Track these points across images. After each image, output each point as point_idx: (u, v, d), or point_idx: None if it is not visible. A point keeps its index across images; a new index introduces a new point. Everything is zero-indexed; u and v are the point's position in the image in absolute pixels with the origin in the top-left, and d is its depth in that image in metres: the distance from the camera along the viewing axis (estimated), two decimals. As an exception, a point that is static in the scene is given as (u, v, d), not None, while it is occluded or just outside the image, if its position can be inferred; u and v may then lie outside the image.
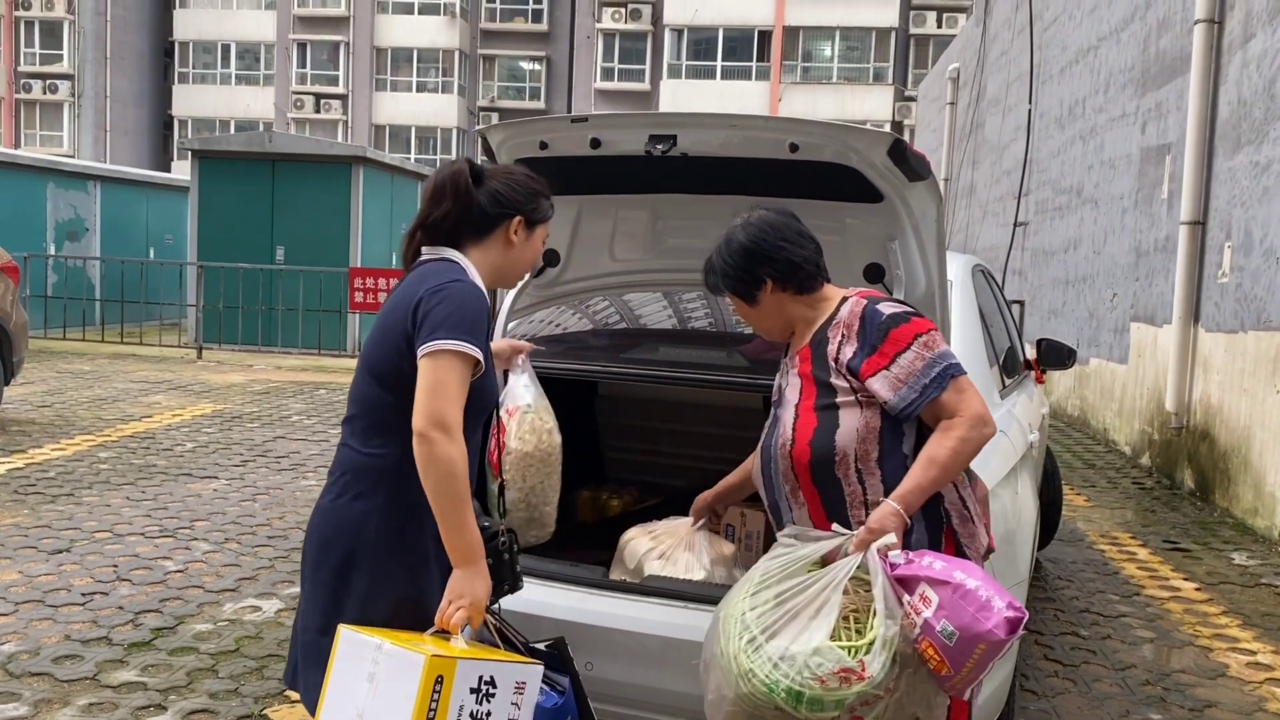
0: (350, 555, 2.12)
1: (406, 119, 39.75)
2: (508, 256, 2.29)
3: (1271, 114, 6.42)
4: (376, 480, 2.13)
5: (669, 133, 2.70)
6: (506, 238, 2.27)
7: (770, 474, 2.35)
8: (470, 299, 2.10)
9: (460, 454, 2.00)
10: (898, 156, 2.61)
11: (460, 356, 2.03)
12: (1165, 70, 8.20)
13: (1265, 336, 6.38)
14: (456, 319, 2.05)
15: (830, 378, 2.27)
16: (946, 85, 17.81)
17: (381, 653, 1.90)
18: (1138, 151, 8.80)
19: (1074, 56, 10.91)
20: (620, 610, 2.62)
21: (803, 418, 2.29)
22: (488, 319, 2.13)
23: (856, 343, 2.26)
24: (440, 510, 2.01)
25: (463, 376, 2.04)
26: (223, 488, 6.48)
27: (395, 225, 15.14)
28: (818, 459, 2.25)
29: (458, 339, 2.03)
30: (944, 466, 2.18)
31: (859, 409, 2.24)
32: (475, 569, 2.05)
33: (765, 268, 2.35)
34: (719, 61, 36.55)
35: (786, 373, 2.41)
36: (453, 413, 2.00)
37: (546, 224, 2.37)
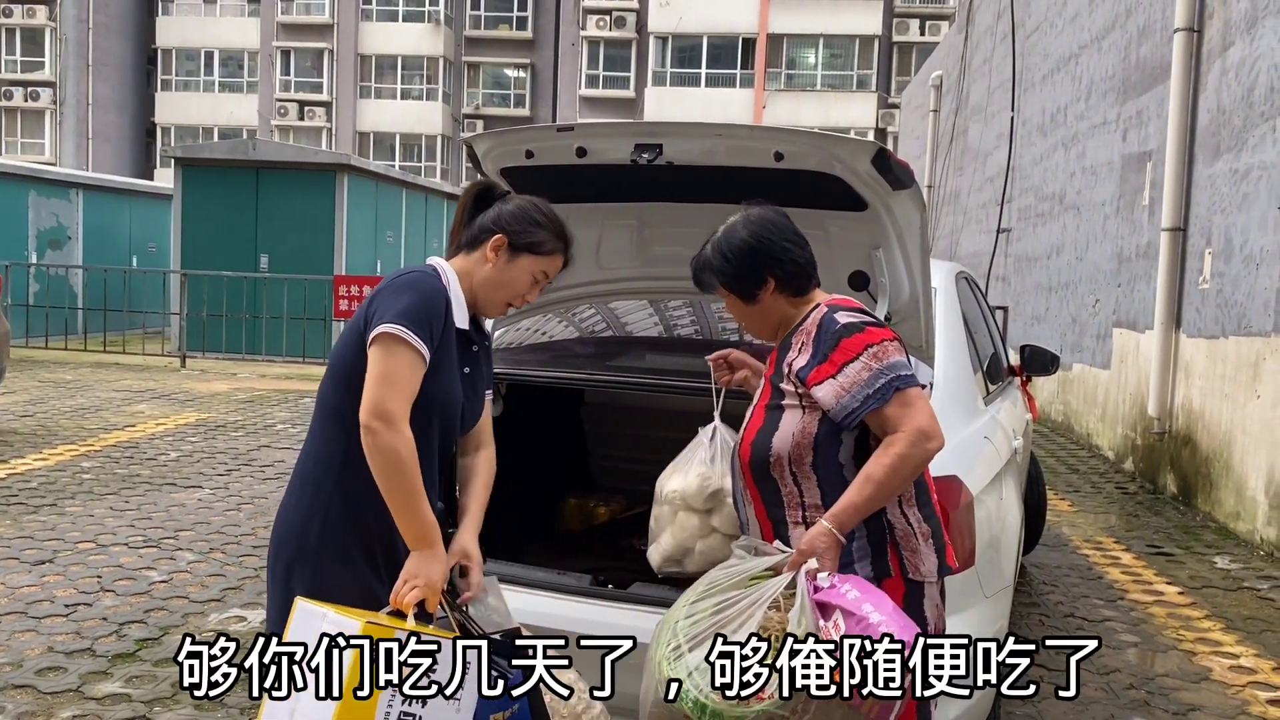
0: (295, 556, 2.18)
1: (391, 126, 39.68)
2: (484, 275, 2.27)
3: (1250, 122, 6.49)
4: (322, 478, 2.18)
5: (654, 141, 2.72)
6: (484, 254, 2.27)
7: (734, 471, 2.42)
8: (422, 289, 2.12)
9: (404, 442, 2.02)
10: (881, 165, 2.63)
11: (403, 344, 2.05)
12: (1146, 78, 8.28)
13: (1245, 342, 6.44)
14: (403, 306, 2.07)
15: (781, 382, 2.31)
16: (930, 93, 17.91)
17: (325, 620, 1.96)
18: (1119, 159, 8.87)
19: (1055, 64, 10.99)
20: (607, 618, 2.63)
21: (754, 418, 2.35)
22: (441, 317, 2.14)
23: (811, 350, 2.27)
24: (389, 498, 2.05)
25: (409, 365, 2.05)
26: (207, 497, 6.45)
27: (380, 233, 15.12)
28: (756, 458, 2.30)
29: (400, 324, 2.05)
30: (880, 484, 2.16)
31: (800, 413, 2.26)
32: (430, 551, 2.09)
33: (771, 267, 2.32)
34: (703, 69, 36.65)
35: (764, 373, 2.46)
36: (396, 403, 2.02)
37: (538, 259, 2.29)
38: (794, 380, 2.27)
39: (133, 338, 14.41)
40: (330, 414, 2.19)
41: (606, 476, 4.02)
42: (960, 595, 2.56)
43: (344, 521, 2.17)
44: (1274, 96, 6.19)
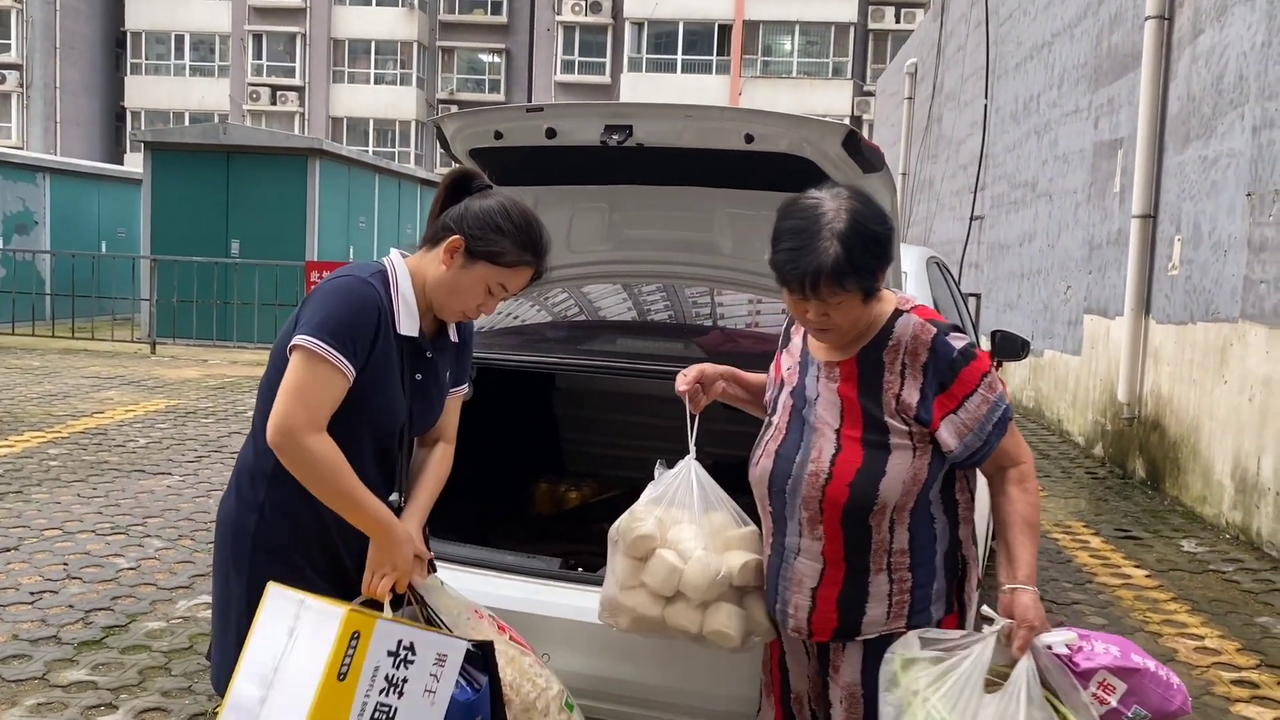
0: (232, 555, 2.11)
1: (364, 111, 39.36)
2: (436, 278, 2.10)
3: (1219, 109, 6.54)
4: (256, 480, 2.09)
5: (624, 123, 2.70)
6: (440, 254, 2.09)
7: (785, 490, 2.07)
8: (346, 299, 1.98)
9: (316, 451, 1.92)
10: (852, 148, 2.63)
11: (322, 361, 1.93)
12: (1117, 66, 8.32)
13: (1213, 328, 6.50)
14: (321, 318, 1.95)
15: (884, 414, 1.99)
16: (904, 80, 17.95)
17: (303, 607, 1.91)
18: (1090, 146, 8.92)
19: (1029, 52, 11.03)
20: (576, 601, 2.62)
21: (845, 451, 1.99)
22: (370, 330, 2.00)
23: (922, 378, 1.98)
24: (328, 502, 1.99)
25: (325, 380, 1.94)
26: (176, 484, 6.39)
27: (352, 218, 15.01)
28: (855, 505, 1.98)
29: (319, 339, 1.94)
30: (1037, 526, 2.03)
31: (912, 454, 1.99)
32: (388, 537, 2.03)
33: (887, 263, 2.02)
34: (679, 55, 36.56)
35: (810, 374, 2.09)
36: (301, 416, 1.91)
37: (495, 269, 2.09)
38: (908, 418, 1.98)
39: (102, 324, 14.24)
40: (264, 414, 2.07)
41: (577, 461, 4.01)
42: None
43: (280, 522, 2.08)
44: (1243, 84, 6.23)
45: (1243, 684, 4.00)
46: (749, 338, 3.37)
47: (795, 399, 2.11)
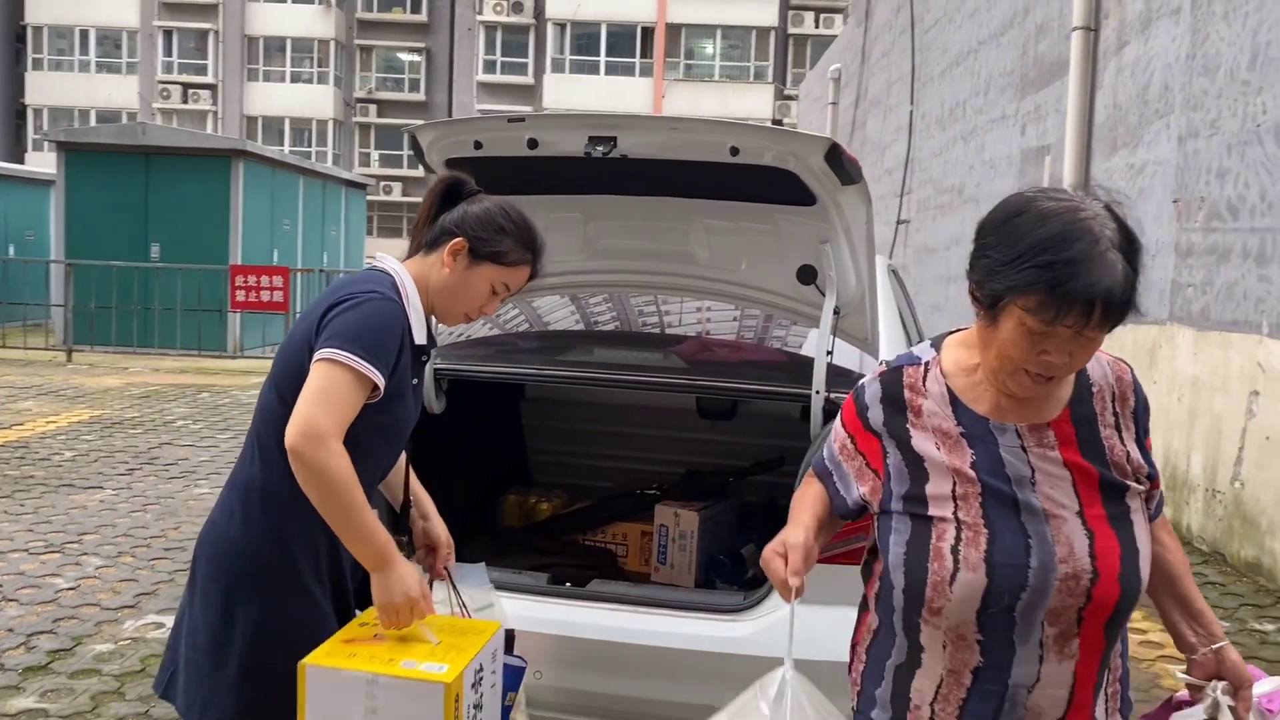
0: (241, 583, 2.01)
1: (280, 110, 38.57)
2: (440, 281, 2.10)
3: (1145, 119, 6.77)
4: (267, 502, 2.01)
5: (609, 134, 2.68)
6: (442, 257, 2.10)
7: (1015, 608, 1.55)
8: (379, 315, 1.97)
9: (337, 460, 1.86)
10: (834, 160, 2.65)
11: (350, 372, 1.90)
12: (1044, 74, 8.56)
13: (1141, 330, 6.73)
14: (355, 332, 1.93)
15: (1114, 474, 1.61)
16: (828, 85, 18.21)
17: (379, 686, 1.84)
18: (1018, 152, 9.16)
19: (954, 59, 11.28)
20: (566, 617, 2.60)
21: (1101, 538, 1.58)
22: (397, 345, 2.00)
23: (1134, 427, 1.67)
24: (333, 522, 1.91)
25: (351, 390, 1.91)
26: (109, 498, 6.18)
27: (277, 221, 14.69)
28: (1127, 603, 1.58)
29: (351, 352, 1.90)
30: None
31: (1144, 518, 1.64)
32: (391, 569, 1.95)
33: None
34: (602, 57, 36.58)
35: (1005, 445, 1.60)
36: (326, 420, 1.86)
37: (500, 269, 2.12)
38: (1141, 477, 1.64)
39: (12, 330, 13.68)
40: (273, 433, 1.99)
41: (545, 472, 3.98)
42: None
43: (300, 543, 2.02)
44: (1167, 95, 6.47)
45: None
46: (725, 346, 3.39)
47: (989, 483, 1.58)
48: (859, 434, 1.70)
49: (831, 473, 1.74)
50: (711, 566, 3.27)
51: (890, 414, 1.66)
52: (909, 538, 1.60)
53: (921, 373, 1.67)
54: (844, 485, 1.71)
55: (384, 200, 38.02)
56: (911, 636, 1.63)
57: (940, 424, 1.63)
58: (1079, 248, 1.47)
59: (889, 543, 1.62)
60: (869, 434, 1.68)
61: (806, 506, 1.75)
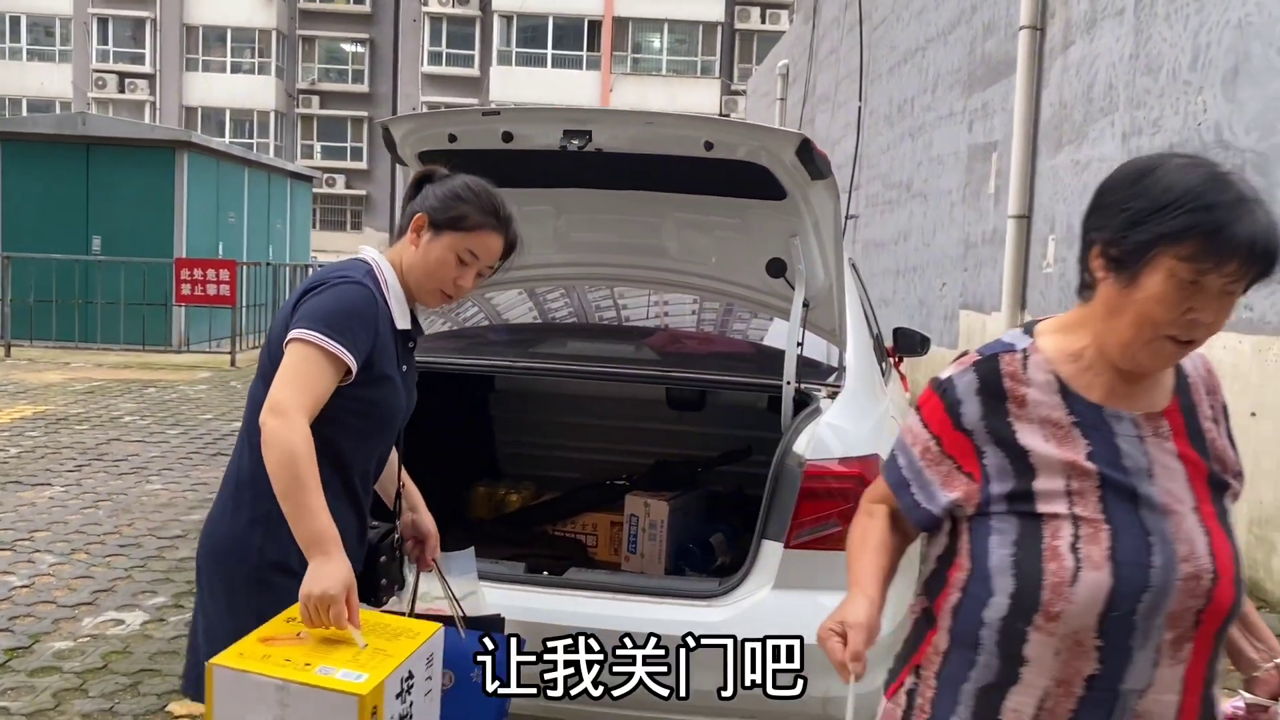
0: (240, 575, 2.04)
1: (220, 101, 37.92)
2: (409, 260, 2.14)
3: (1090, 117, 6.95)
4: (257, 492, 2.02)
5: (584, 128, 2.72)
6: (410, 236, 2.15)
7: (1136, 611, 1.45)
8: (348, 296, 2.01)
9: (295, 434, 1.88)
10: (805, 155, 2.72)
11: (316, 349, 1.95)
12: (991, 72, 8.74)
13: (1086, 322, 6.91)
14: (323, 312, 1.98)
15: (1217, 469, 1.54)
16: (776, 81, 18.36)
17: (289, 694, 1.73)
18: (965, 149, 9.34)
19: (902, 56, 11.45)
20: (545, 605, 2.64)
21: (1216, 537, 1.49)
22: (371, 325, 2.02)
23: (1225, 419, 1.59)
24: (282, 496, 1.90)
25: (318, 368, 1.95)
26: (59, 495, 6.06)
27: (222, 213, 14.45)
28: (1239, 606, 1.52)
29: (317, 331, 1.95)
30: None
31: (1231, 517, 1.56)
32: (325, 559, 1.87)
33: None
34: (549, 50, 36.48)
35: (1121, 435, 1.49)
36: (292, 396, 1.91)
37: (460, 235, 2.12)
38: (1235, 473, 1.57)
39: (-54, 325, 13.32)
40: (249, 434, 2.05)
41: (514, 463, 4.00)
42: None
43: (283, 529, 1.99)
44: (1111, 94, 6.64)
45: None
46: (694, 338, 3.44)
47: (1108, 475, 1.47)
48: (946, 433, 1.53)
49: (909, 482, 1.57)
50: (681, 555, 3.32)
51: (989, 407, 1.51)
52: (1016, 538, 1.47)
53: (1020, 360, 1.52)
54: (925, 494, 1.55)
55: (327, 193, 37.54)
56: (1010, 649, 1.48)
57: (1048, 414, 1.49)
58: (1234, 194, 1.38)
59: (988, 545, 1.48)
60: (959, 433, 1.52)
61: (869, 561, 1.58)
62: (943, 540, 1.57)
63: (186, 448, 7.52)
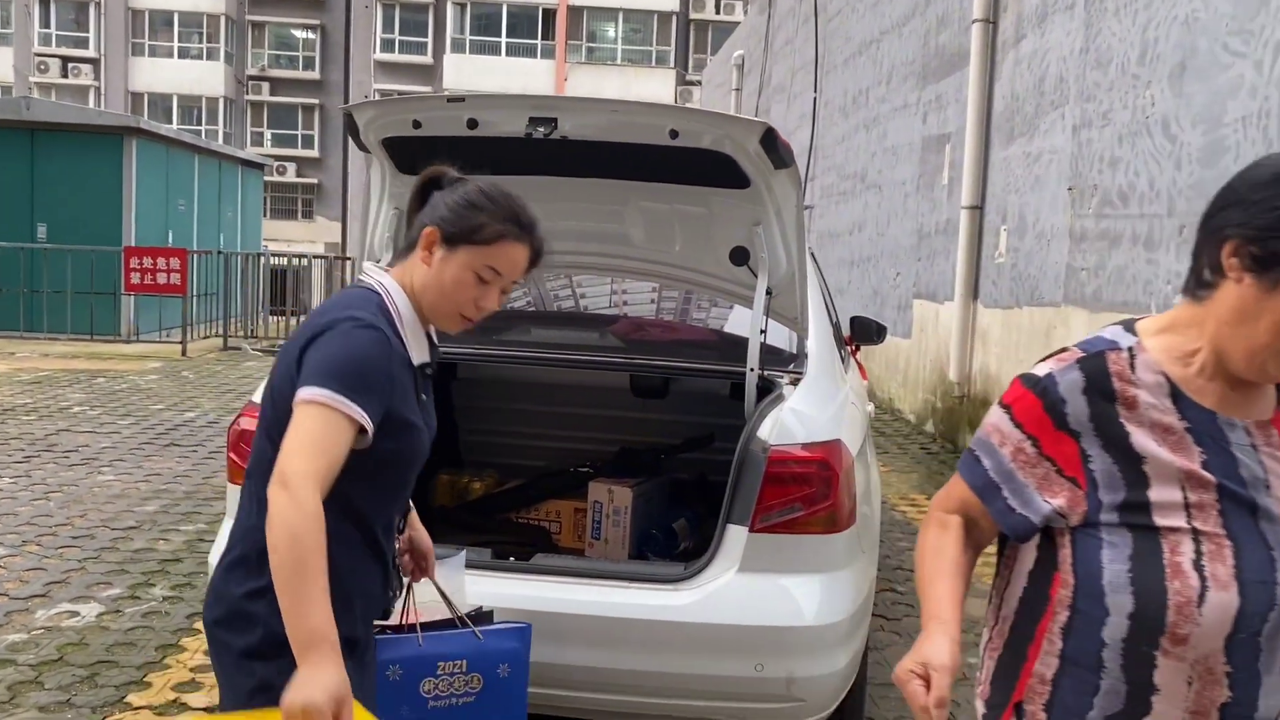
0: (249, 647, 1.80)
1: (167, 87, 37.23)
2: (421, 279, 1.86)
3: (1041, 109, 7.07)
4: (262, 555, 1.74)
5: (550, 115, 2.72)
6: (419, 254, 1.87)
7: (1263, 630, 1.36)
8: (360, 345, 1.75)
9: (307, 514, 1.64)
10: (768, 144, 2.75)
11: (331, 412, 1.70)
12: (945, 65, 8.84)
13: (1037, 311, 7.04)
14: (336, 367, 1.73)
15: None
16: (732, 71, 18.42)
17: None
18: (919, 140, 9.45)
19: (858, 48, 11.55)
20: (512, 590, 2.65)
21: None
22: (386, 375, 1.78)
23: None
24: (277, 580, 1.64)
25: (334, 432, 1.71)
26: (9, 486, 5.95)
27: (171, 201, 14.22)
28: None
29: (332, 390, 1.71)
30: None
31: None
32: (321, 662, 1.60)
33: None
34: (503, 38, 36.26)
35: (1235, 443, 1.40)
36: (304, 467, 1.66)
37: (478, 249, 1.85)
38: None
39: (-116, 314, 12.98)
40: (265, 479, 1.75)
41: (477, 451, 4.00)
42: (846, 552, 2.74)
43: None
44: (1062, 87, 6.76)
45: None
46: (658, 326, 3.47)
47: (1226, 486, 1.38)
48: (1046, 434, 1.41)
49: (999, 486, 1.45)
50: (644, 541, 3.34)
51: (1097, 407, 1.39)
52: (1131, 553, 1.36)
53: (1127, 359, 1.41)
54: (1021, 499, 1.43)
55: (278, 181, 37.04)
56: (1138, 675, 1.37)
57: (1159, 418, 1.38)
58: None
59: (1101, 561, 1.38)
60: (1062, 433, 1.40)
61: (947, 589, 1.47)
62: (1031, 553, 1.46)
63: (139, 438, 7.42)
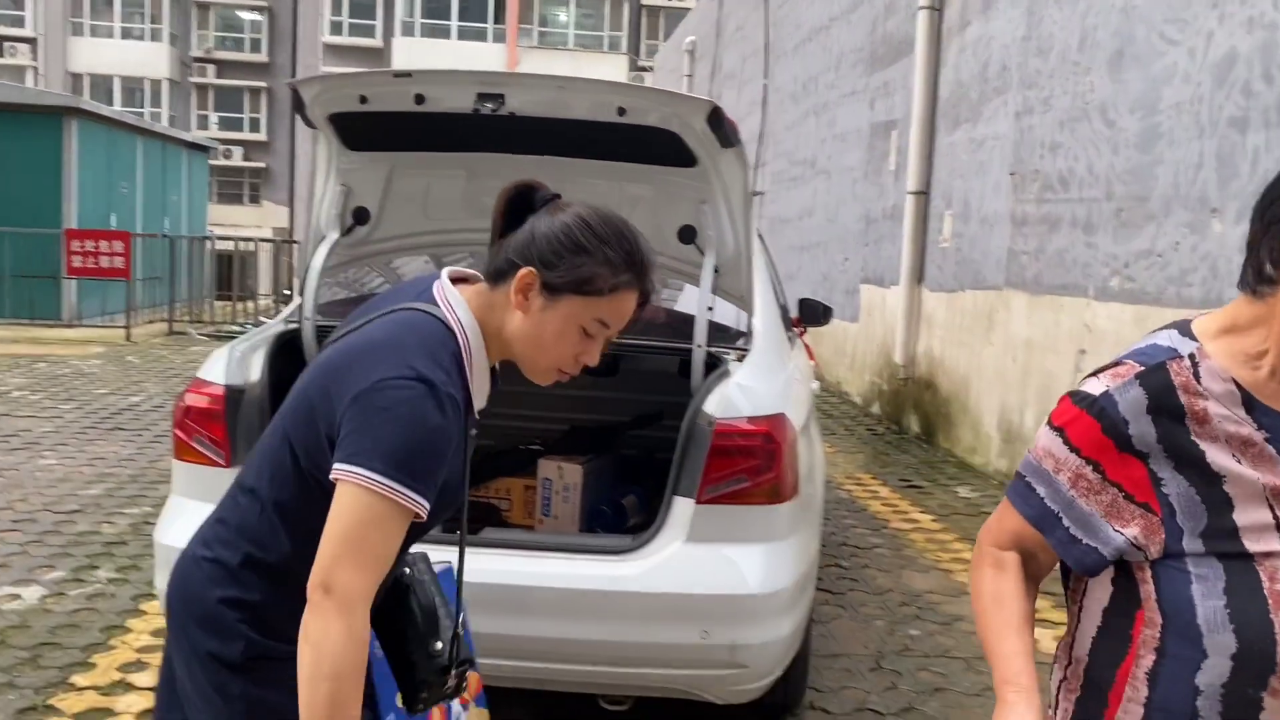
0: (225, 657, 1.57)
1: (109, 68, 36.44)
2: (517, 328, 1.57)
3: (985, 96, 7.19)
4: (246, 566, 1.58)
5: (497, 92, 2.74)
6: (510, 295, 1.56)
7: None
8: (425, 417, 1.45)
9: (354, 642, 1.41)
10: (715, 123, 2.79)
11: (389, 505, 1.42)
12: (892, 51, 8.95)
13: (980, 295, 7.18)
14: (394, 445, 1.43)
15: None
16: (683, 57, 18.45)
17: None
18: (867, 126, 9.55)
19: (807, 35, 11.63)
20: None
21: None
22: (450, 440, 1.49)
23: None
24: (305, 710, 1.41)
25: (389, 530, 1.44)
26: (-54, 471, 5.86)
27: (114, 183, 13.96)
28: None
29: (393, 480, 1.42)
30: None
31: None
32: None
33: None
34: (454, 21, 35.93)
35: None
36: (356, 582, 1.41)
37: (589, 301, 1.54)
38: None
39: None
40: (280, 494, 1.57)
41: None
42: (789, 522, 2.80)
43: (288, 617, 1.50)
44: (1005, 74, 6.88)
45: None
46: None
47: None
48: (1108, 456, 1.28)
49: (1058, 515, 1.32)
50: (594, 517, 3.38)
51: (1165, 426, 1.26)
52: (1225, 586, 1.23)
53: (1190, 368, 1.27)
54: (1085, 529, 1.30)
55: (225, 165, 36.44)
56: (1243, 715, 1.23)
57: (1235, 430, 1.25)
58: None
59: (1190, 595, 1.24)
60: (1127, 455, 1.27)
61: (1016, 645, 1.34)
62: (1105, 588, 1.32)
63: (81, 423, 7.30)
